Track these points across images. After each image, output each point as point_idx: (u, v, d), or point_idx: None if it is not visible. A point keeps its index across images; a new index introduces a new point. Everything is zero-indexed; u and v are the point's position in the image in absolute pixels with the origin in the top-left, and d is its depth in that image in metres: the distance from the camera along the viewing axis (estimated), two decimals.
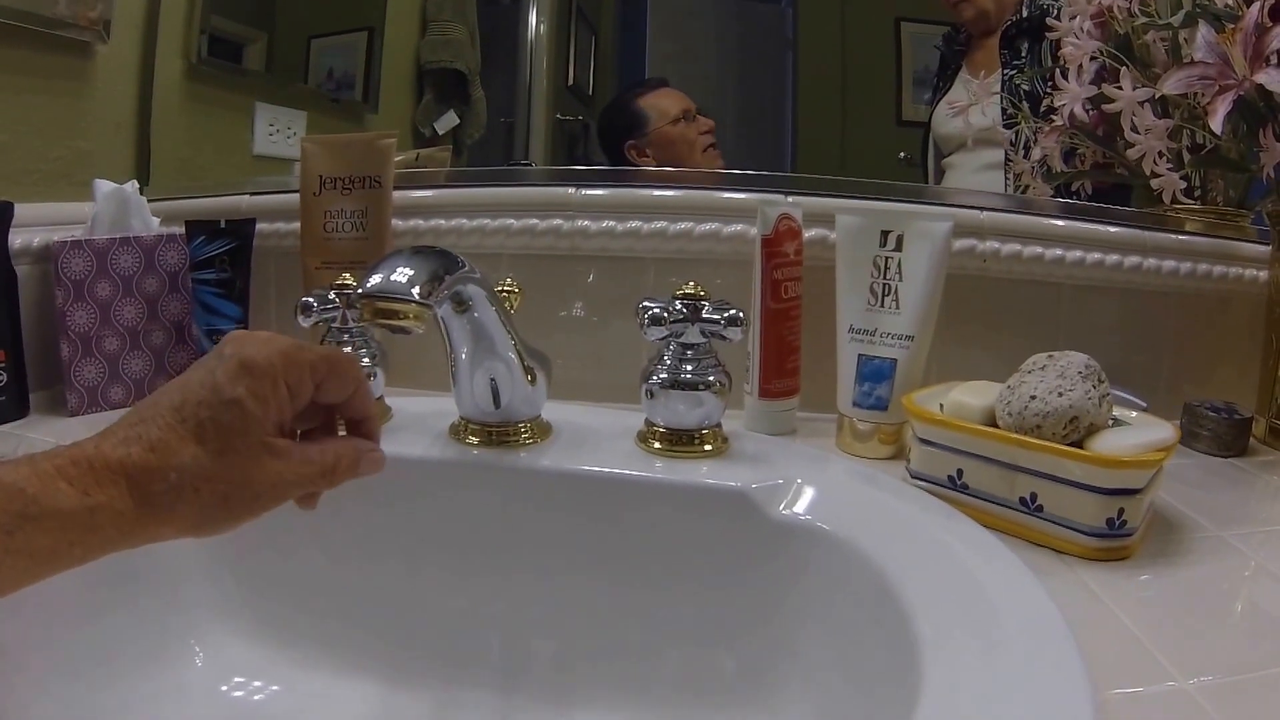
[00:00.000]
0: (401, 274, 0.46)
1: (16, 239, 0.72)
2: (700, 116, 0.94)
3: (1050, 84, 0.81)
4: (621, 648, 0.57)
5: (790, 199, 0.71)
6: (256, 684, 0.58)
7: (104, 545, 0.36)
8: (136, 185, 0.78)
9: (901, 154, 0.95)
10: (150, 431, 0.37)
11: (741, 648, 0.54)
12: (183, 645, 0.57)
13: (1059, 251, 0.74)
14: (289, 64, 1.02)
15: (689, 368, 0.57)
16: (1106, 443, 0.50)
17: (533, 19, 0.97)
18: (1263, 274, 0.75)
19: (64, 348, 0.72)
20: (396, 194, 0.80)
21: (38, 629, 0.48)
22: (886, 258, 0.64)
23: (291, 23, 1.02)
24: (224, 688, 0.57)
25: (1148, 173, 0.74)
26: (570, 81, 0.97)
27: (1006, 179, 0.87)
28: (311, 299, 0.63)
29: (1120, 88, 0.73)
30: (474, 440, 0.59)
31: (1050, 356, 0.54)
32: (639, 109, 0.95)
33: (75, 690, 0.50)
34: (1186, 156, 0.76)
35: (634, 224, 0.77)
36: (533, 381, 0.58)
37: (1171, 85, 0.69)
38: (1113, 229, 0.75)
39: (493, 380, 0.57)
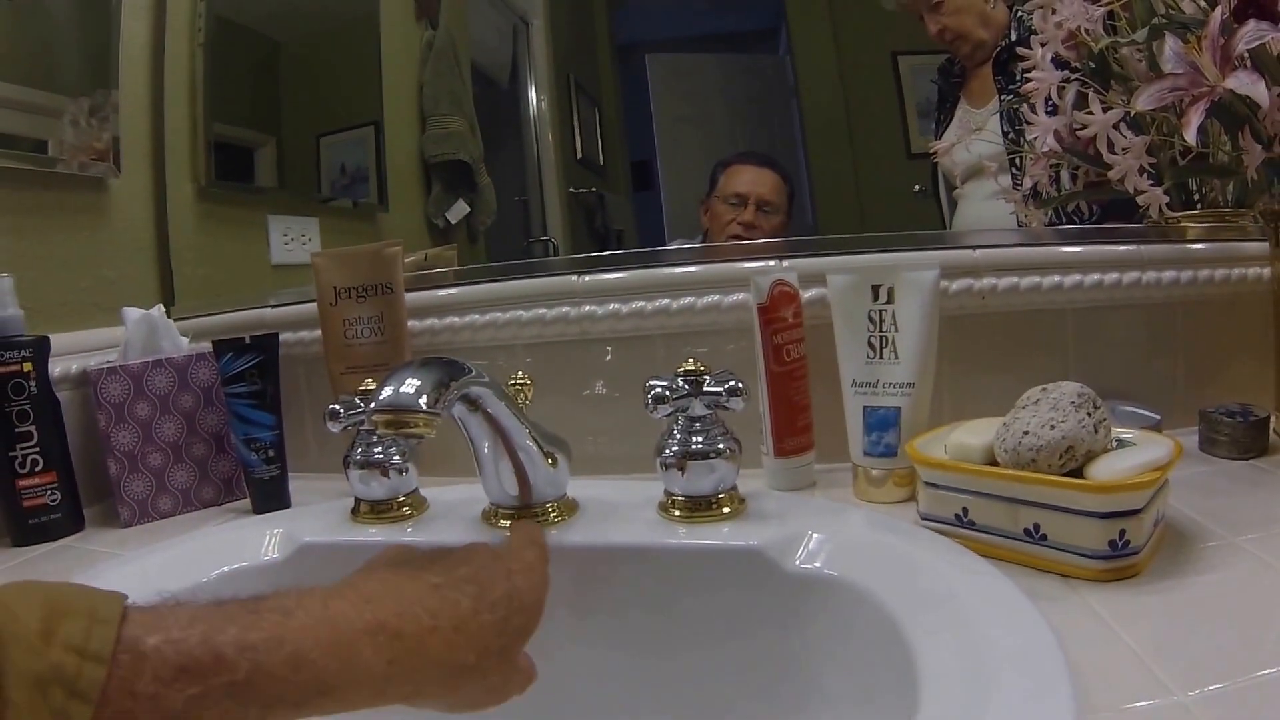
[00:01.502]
0: (409, 386, 0.52)
1: (55, 367, 0.81)
2: (760, 212, 0.98)
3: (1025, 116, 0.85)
4: (656, 704, 0.63)
5: (785, 264, 0.77)
6: None
7: (369, 707, 0.40)
8: (163, 309, 0.87)
9: (917, 186, 1.00)
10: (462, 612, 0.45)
11: (763, 690, 0.60)
12: None
13: (1057, 278, 0.78)
14: (301, 163, 1.10)
15: (698, 439, 0.63)
16: (1105, 467, 0.54)
17: (532, 97, 1.04)
18: (1267, 271, 0.79)
19: (111, 466, 0.81)
20: (409, 296, 0.87)
21: None
22: (880, 311, 0.70)
23: (298, 122, 1.10)
24: None
25: (1130, 190, 0.78)
26: (579, 155, 1.03)
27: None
28: (338, 406, 0.71)
29: (1091, 113, 0.77)
30: (505, 524, 0.66)
31: (1044, 389, 0.59)
32: (715, 174, 1.00)
33: None
34: (1179, 163, 0.79)
35: (638, 304, 0.83)
36: (553, 465, 0.65)
37: (1144, 101, 0.72)
38: (1108, 248, 0.79)
39: (515, 469, 0.64)
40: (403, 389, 0.52)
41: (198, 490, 0.87)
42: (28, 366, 0.78)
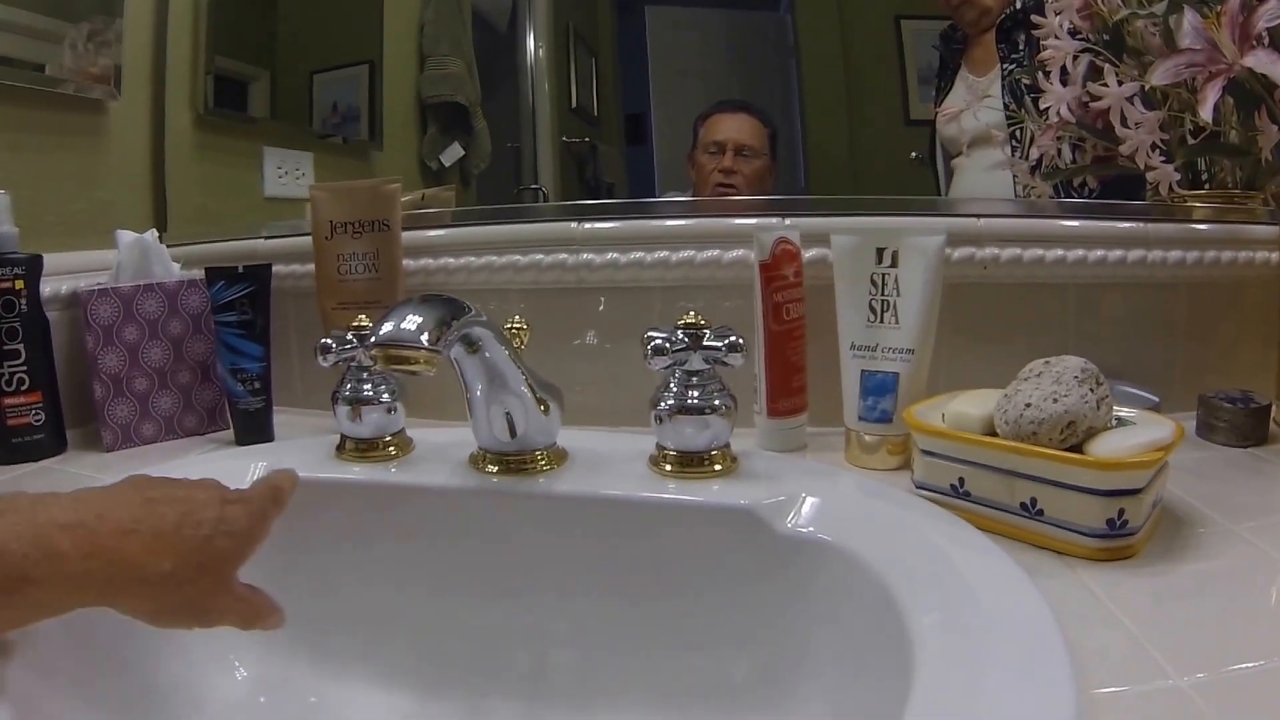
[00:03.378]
0: (411, 322, 0.49)
1: (46, 287, 0.78)
2: (739, 157, 0.95)
3: (1038, 84, 0.82)
4: (640, 659, 0.60)
5: (787, 221, 0.74)
6: (293, 697, 0.62)
7: (78, 605, 0.42)
8: (156, 233, 0.83)
9: (913, 154, 0.97)
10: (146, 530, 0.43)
11: (752, 656, 0.57)
12: (222, 659, 0.61)
13: (1060, 252, 0.75)
14: (293, 100, 1.06)
15: (694, 394, 0.60)
16: (1106, 445, 0.51)
17: (530, 44, 1.01)
18: (1275, 255, 0.76)
19: (97, 389, 0.78)
20: (405, 234, 0.83)
21: (79, 646, 0.51)
22: (883, 274, 0.66)
23: (293, 59, 1.06)
24: (263, 699, 0.61)
25: (1142, 166, 0.75)
26: (574, 104, 1.00)
27: (1015, 178, 0.88)
28: (330, 340, 0.68)
29: (1105, 85, 0.74)
30: (493, 469, 0.63)
31: (1047, 362, 0.56)
32: (695, 128, 0.97)
33: (121, 705, 0.53)
34: (1190, 142, 0.76)
35: (637, 254, 0.79)
36: (546, 412, 0.61)
37: (1160, 76, 0.69)
38: (1114, 224, 0.76)
39: (508, 413, 0.60)
40: (404, 324, 0.49)
41: (181, 418, 0.83)
42: (19, 284, 0.74)
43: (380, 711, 0.61)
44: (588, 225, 0.81)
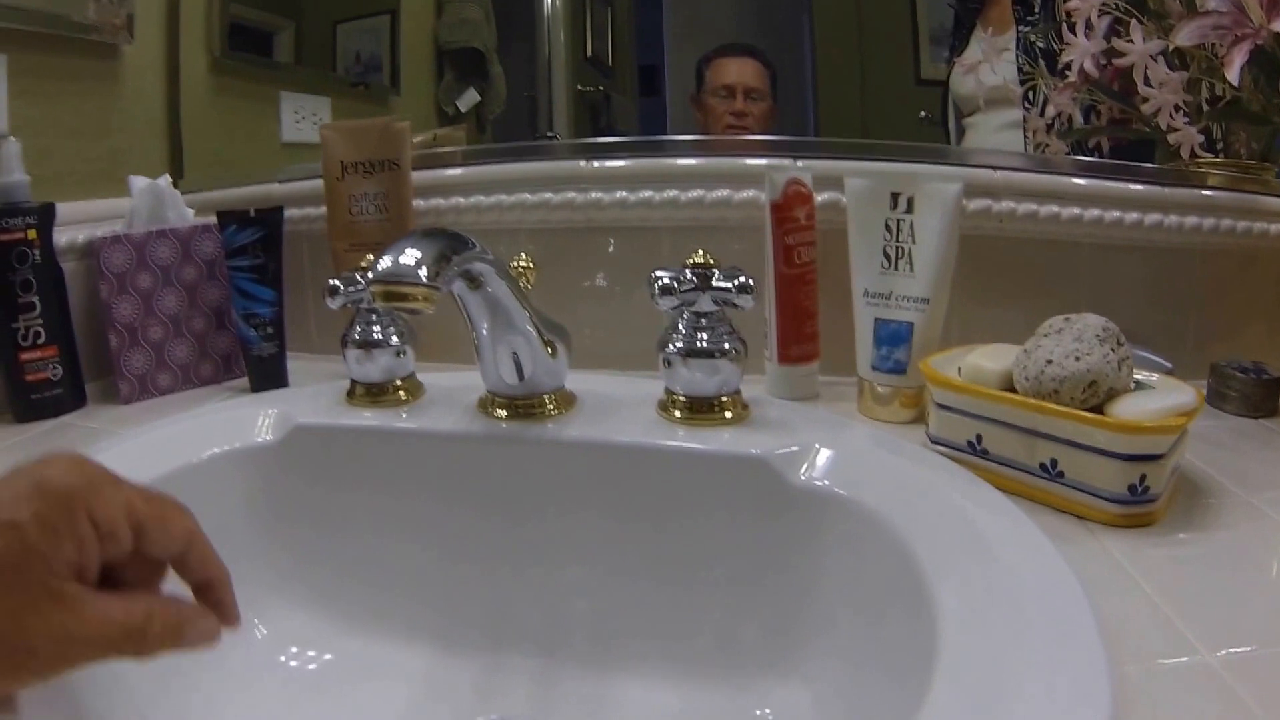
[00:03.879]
0: (409, 256, 0.46)
1: (61, 237, 0.74)
2: (748, 100, 0.92)
3: (1061, 40, 0.78)
4: (651, 610, 0.58)
5: (800, 163, 0.70)
6: (312, 653, 0.60)
7: None
8: (170, 179, 0.79)
9: (922, 113, 0.94)
10: None
11: (764, 609, 0.55)
12: (244, 619, 0.58)
13: (1076, 210, 0.71)
14: (317, 50, 1.02)
15: (704, 336, 0.57)
16: (1127, 407, 0.48)
17: None
18: None
19: (112, 339, 0.74)
20: (416, 174, 0.80)
21: None
22: (898, 220, 0.63)
23: (316, 8, 1.03)
24: (282, 658, 0.59)
25: (1164, 128, 0.72)
26: (589, 53, 0.96)
27: (1025, 138, 0.85)
28: (338, 281, 0.65)
29: (1131, 41, 0.70)
30: (501, 413, 0.60)
31: (1067, 319, 0.53)
32: (700, 69, 0.94)
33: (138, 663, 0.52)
34: (1205, 109, 0.73)
35: (646, 193, 0.76)
36: (553, 354, 0.58)
37: (1185, 36, 0.66)
38: (1131, 186, 0.72)
39: (514, 354, 0.57)
40: (402, 259, 0.45)
41: (196, 367, 0.80)
42: (32, 234, 0.70)
43: (397, 669, 0.59)
44: (597, 164, 0.78)
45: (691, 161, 0.77)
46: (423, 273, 0.45)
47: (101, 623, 0.32)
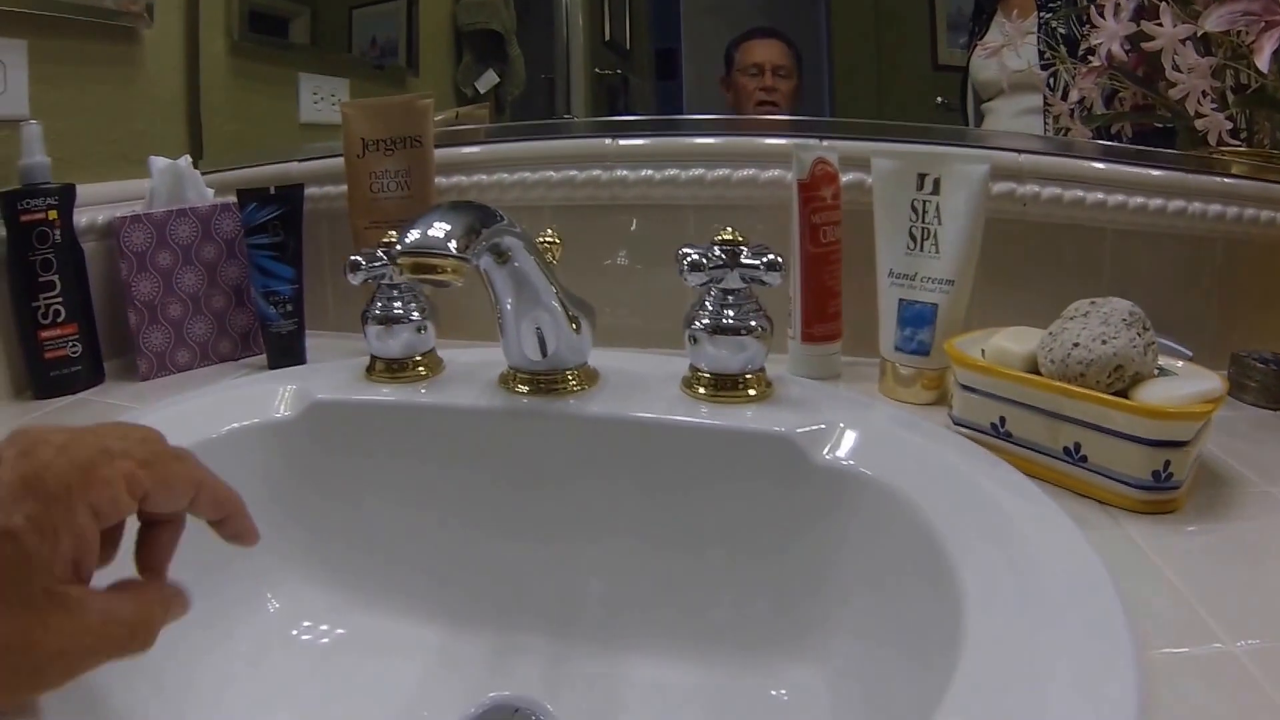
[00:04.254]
0: (438, 229, 0.45)
1: (81, 218, 0.74)
2: (776, 77, 0.92)
3: (1086, 24, 0.77)
4: (668, 588, 0.57)
5: (825, 143, 0.69)
6: (324, 628, 0.59)
7: None
8: (190, 159, 0.79)
9: (940, 99, 0.93)
10: None
11: (785, 590, 0.54)
12: (256, 593, 0.58)
13: (1100, 195, 0.71)
14: (333, 35, 1.02)
15: (730, 313, 0.56)
16: (1152, 393, 0.48)
17: None
18: None
19: (131, 316, 0.74)
20: (438, 152, 0.80)
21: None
22: (924, 201, 0.62)
23: None
24: (294, 631, 0.59)
25: (1191, 113, 0.71)
26: (607, 37, 0.96)
27: (1045, 123, 0.84)
28: (359, 257, 0.64)
29: (1160, 24, 0.69)
30: (523, 389, 0.59)
31: (1093, 303, 0.52)
32: (730, 53, 0.94)
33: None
34: (1231, 97, 0.72)
35: (671, 172, 0.76)
36: (577, 329, 0.58)
37: (1214, 22, 0.64)
38: (1155, 172, 0.71)
39: (538, 329, 0.57)
40: (430, 231, 0.45)
41: (215, 344, 0.79)
42: (53, 215, 0.70)
43: (409, 644, 0.59)
44: (623, 141, 0.78)
45: (717, 140, 0.76)
46: (452, 245, 0.44)
47: (106, 624, 0.30)
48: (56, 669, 0.28)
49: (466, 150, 0.82)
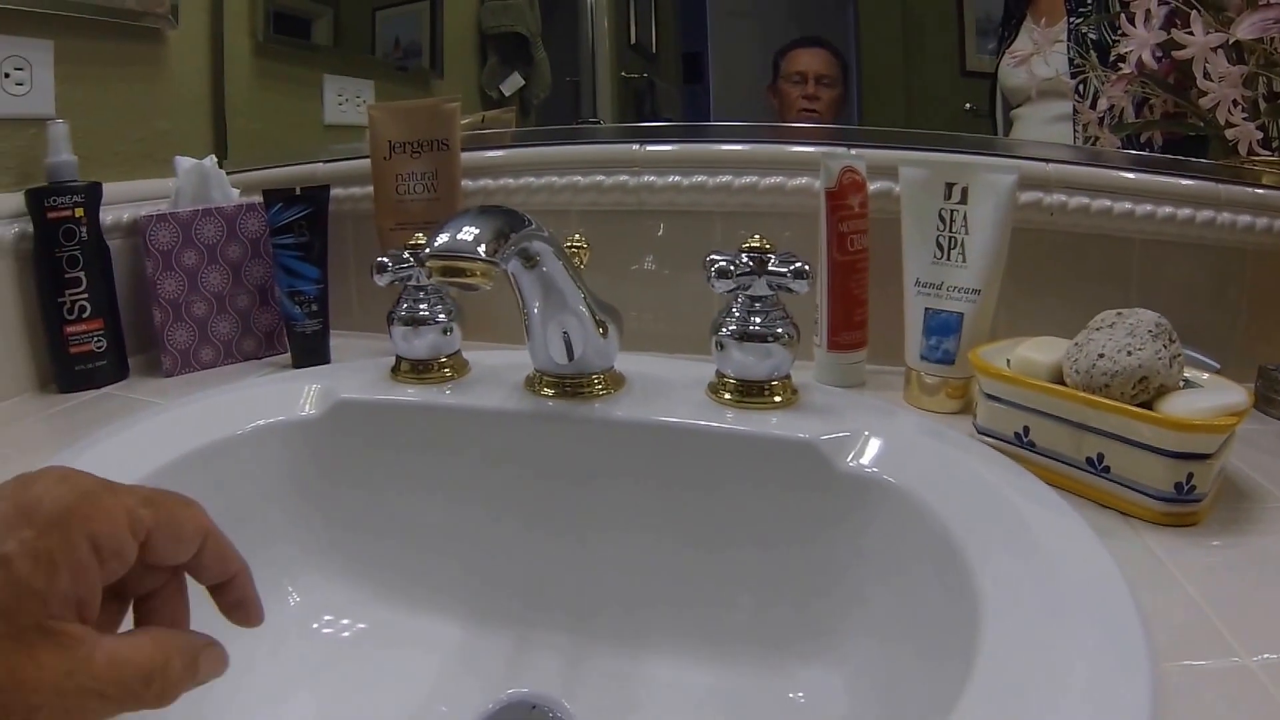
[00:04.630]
0: (468, 233, 0.46)
1: (106, 216, 0.76)
2: (819, 85, 0.94)
3: (1118, 31, 0.78)
4: (689, 593, 0.58)
5: (853, 151, 0.70)
6: (345, 621, 0.61)
7: None
8: (215, 159, 0.81)
9: (968, 105, 0.94)
10: None
11: (806, 595, 0.55)
12: (277, 586, 0.59)
13: (1128, 205, 0.71)
14: (356, 37, 1.04)
15: (757, 320, 0.57)
16: (1177, 405, 0.48)
17: None
18: None
19: (156, 314, 0.76)
20: (465, 155, 0.81)
21: None
22: (951, 210, 0.63)
23: None
24: (315, 625, 0.60)
25: (1222, 123, 0.71)
26: (633, 40, 0.97)
27: (1075, 131, 0.84)
28: (386, 259, 0.65)
29: (1191, 33, 0.70)
30: (549, 392, 0.61)
31: (1119, 314, 0.53)
32: (776, 61, 0.95)
33: None
34: (1262, 105, 0.73)
35: (699, 178, 0.77)
36: (604, 334, 0.59)
37: (1245, 30, 0.65)
38: (1185, 182, 0.72)
39: (565, 333, 0.58)
40: (460, 235, 0.46)
41: (239, 342, 0.81)
42: (79, 212, 0.72)
43: (429, 640, 0.60)
44: (651, 148, 0.79)
45: (745, 147, 0.77)
46: (482, 249, 0.46)
47: (116, 666, 0.27)
48: (53, 711, 0.26)
49: (493, 154, 0.84)
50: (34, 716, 0.26)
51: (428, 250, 0.46)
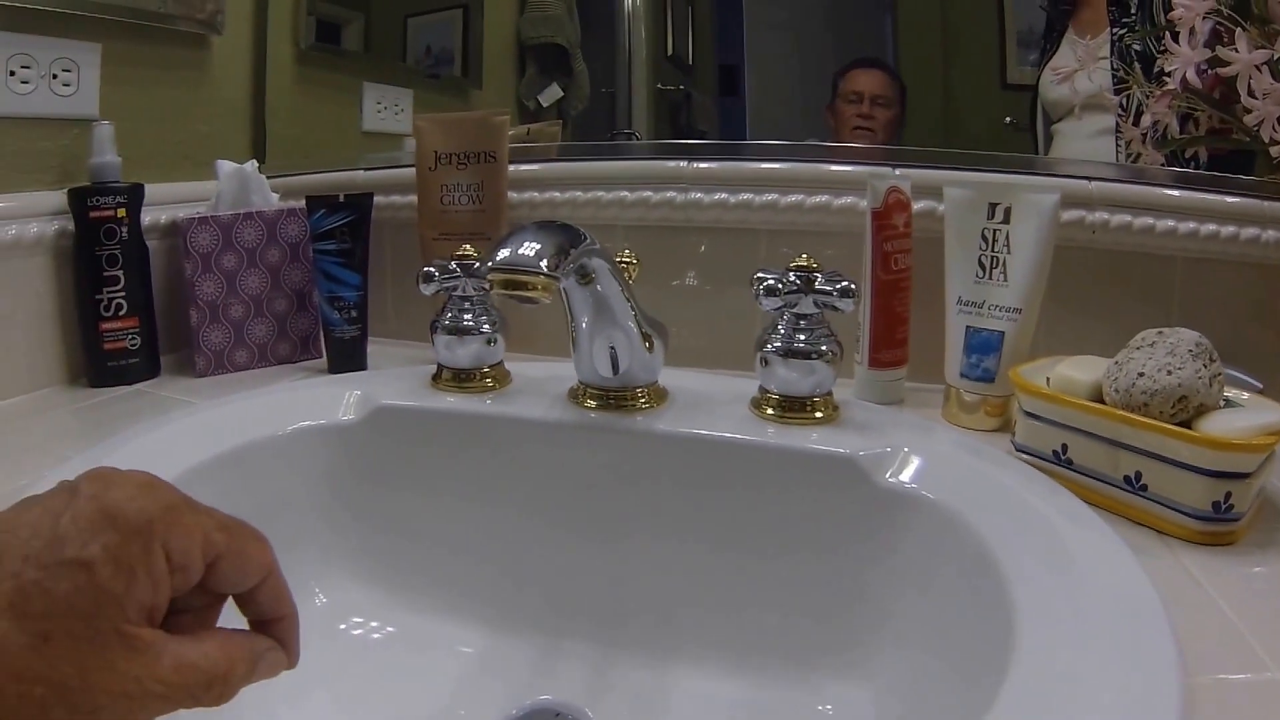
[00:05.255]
0: (529, 248, 0.49)
1: (145, 216, 0.79)
2: (875, 106, 0.95)
3: (1161, 45, 0.78)
4: (723, 606, 0.60)
5: (898, 171, 0.72)
6: (374, 624, 0.63)
7: None
8: (256, 164, 0.84)
9: (1008, 119, 0.95)
10: None
11: (838, 608, 0.57)
12: (304, 587, 0.61)
13: (1171, 223, 0.72)
14: (387, 43, 1.06)
15: (802, 337, 0.59)
16: (1216, 424, 0.49)
17: None
18: None
19: (193, 315, 0.79)
20: (510, 168, 0.83)
21: None
22: (994, 230, 0.65)
23: (387, 2, 1.06)
24: (343, 626, 0.62)
25: (1266, 139, 0.72)
26: (670, 52, 0.99)
27: (1118, 146, 0.85)
28: (433, 268, 0.67)
29: (1236, 50, 0.71)
30: (592, 404, 0.63)
31: (1160, 333, 0.54)
32: (835, 81, 0.97)
33: None
34: None
35: (746, 196, 0.79)
36: (650, 349, 0.61)
37: None
38: (1229, 199, 0.72)
39: (612, 348, 0.60)
40: (522, 250, 0.48)
41: (274, 346, 0.84)
42: (121, 212, 0.76)
43: (455, 646, 0.62)
44: (699, 164, 0.81)
45: (791, 166, 0.79)
46: (544, 264, 0.48)
47: (181, 671, 0.28)
48: (117, 712, 0.27)
49: (539, 166, 0.86)
50: (98, 714, 0.27)
51: (489, 264, 0.49)
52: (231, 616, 0.33)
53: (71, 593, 0.26)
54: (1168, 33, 0.76)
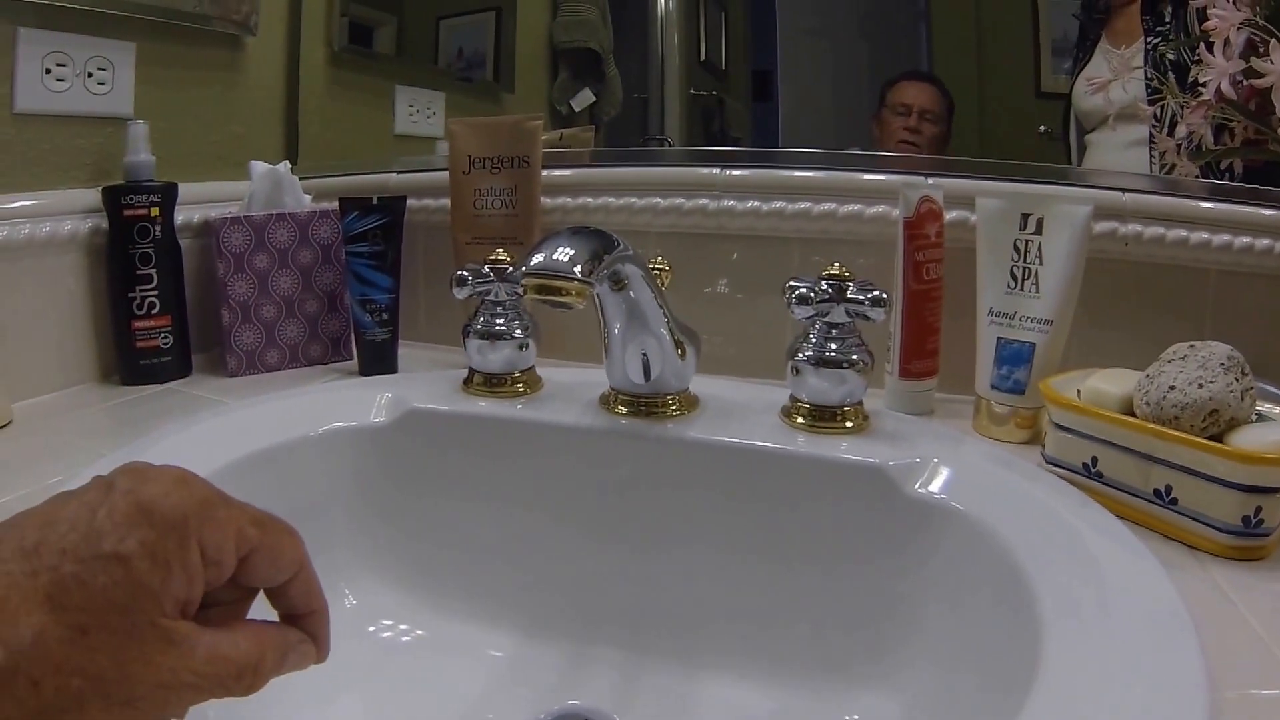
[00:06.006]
0: (564, 253, 0.50)
1: (179, 216, 0.81)
2: (922, 120, 0.96)
3: (1196, 55, 0.78)
4: (752, 614, 0.61)
5: (931, 181, 0.73)
6: (403, 627, 0.65)
7: None
8: (288, 165, 0.86)
9: (1042, 128, 0.95)
10: None
11: (866, 618, 0.57)
12: (334, 588, 0.61)
13: (1204, 235, 0.72)
14: (419, 46, 1.08)
15: (834, 346, 0.61)
16: (1247, 438, 0.50)
17: None
18: None
19: (225, 315, 0.81)
20: (544, 173, 0.85)
21: None
22: (1027, 241, 0.66)
23: (420, 4, 1.08)
24: (372, 629, 0.64)
25: None
26: (703, 57, 1.00)
27: (1151, 157, 0.85)
28: (466, 272, 0.69)
29: (1271, 61, 0.72)
30: (623, 410, 0.64)
31: (1192, 346, 0.55)
32: (883, 91, 0.98)
33: None
34: None
35: (778, 204, 0.80)
36: (682, 356, 0.63)
37: None
38: (1264, 212, 0.73)
39: (644, 355, 0.62)
40: (556, 255, 0.50)
41: (305, 347, 0.86)
42: (155, 211, 0.78)
43: (482, 650, 0.64)
44: (732, 172, 0.82)
45: (825, 175, 0.81)
46: (578, 269, 0.49)
47: (214, 662, 0.30)
48: (152, 703, 0.28)
49: (572, 172, 0.87)
50: (133, 707, 0.28)
51: (524, 269, 0.50)
52: (262, 612, 0.35)
53: (109, 586, 0.27)
54: (1202, 43, 0.77)
